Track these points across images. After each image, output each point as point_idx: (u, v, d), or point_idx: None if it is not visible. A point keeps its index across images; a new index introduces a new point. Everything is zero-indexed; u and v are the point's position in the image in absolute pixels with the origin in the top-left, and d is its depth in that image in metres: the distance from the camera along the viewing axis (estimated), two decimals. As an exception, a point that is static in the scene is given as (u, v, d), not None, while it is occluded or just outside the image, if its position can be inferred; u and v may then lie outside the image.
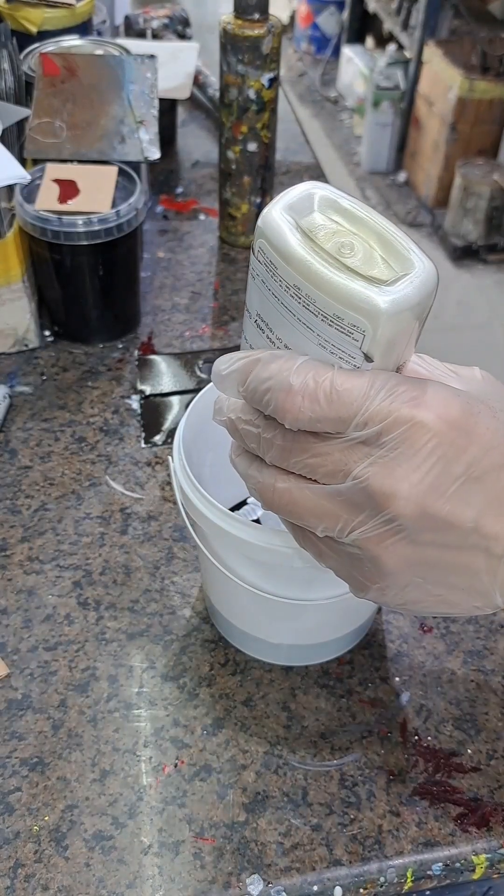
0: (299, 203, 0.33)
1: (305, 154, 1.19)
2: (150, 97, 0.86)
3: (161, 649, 0.59)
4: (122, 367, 0.83)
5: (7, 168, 0.77)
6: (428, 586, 0.35)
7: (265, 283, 0.34)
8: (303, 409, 0.32)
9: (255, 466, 0.36)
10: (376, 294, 0.31)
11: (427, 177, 2.79)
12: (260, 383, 0.33)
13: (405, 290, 0.31)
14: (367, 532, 0.33)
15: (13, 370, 0.81)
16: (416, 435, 0.31)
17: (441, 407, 0.32)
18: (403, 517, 0.32)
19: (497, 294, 2.52)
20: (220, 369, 0.36)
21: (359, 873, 0.49)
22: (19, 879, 0.48)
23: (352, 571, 0.36)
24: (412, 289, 0.32)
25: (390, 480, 0.32)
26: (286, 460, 0.34)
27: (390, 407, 0.31)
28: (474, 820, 0.51)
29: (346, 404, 0.31)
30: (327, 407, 0.32)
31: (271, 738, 0.55)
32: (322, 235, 0.33)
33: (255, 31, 0.82)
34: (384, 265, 0.33)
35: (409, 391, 0.32)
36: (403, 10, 2.87)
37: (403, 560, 0.34)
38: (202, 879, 0.48)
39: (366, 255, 0.33)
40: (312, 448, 0.33)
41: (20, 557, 0.65)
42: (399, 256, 0.33)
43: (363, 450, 0.32)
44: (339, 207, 0.34)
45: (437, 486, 0.32)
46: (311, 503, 0.34)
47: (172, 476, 0.52)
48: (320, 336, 0.33)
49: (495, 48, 2.51)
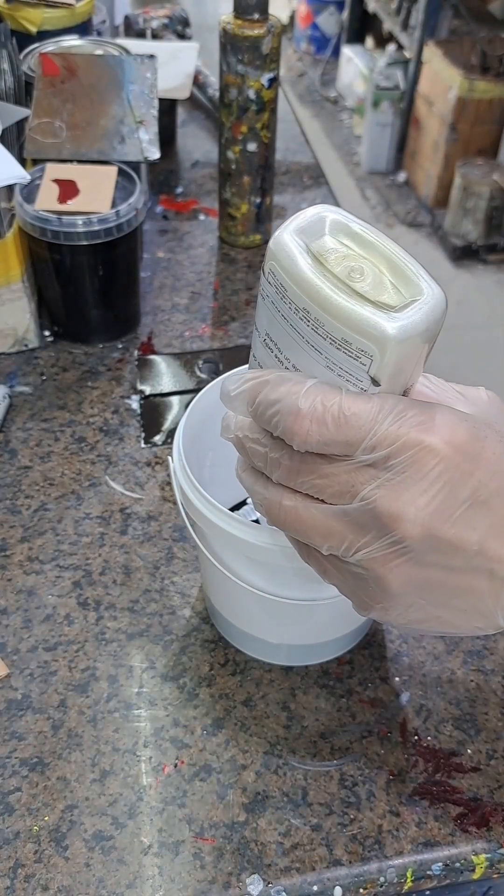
0: (310, 226, 0.34)
1: (305, 154, 1.19)
2: (150, 97, 0.86)
3: (161, 649, 0.59)
4: (121, 367, 0.83)
5: (7, 168, 0.77)
6: (431, 607, 0.35)
7: (275, 304, 0.34)
8: (311, 432, 0.32)
9: (262, 483, 0.37)
10: (384, 320, 0.31)
11: (427, 177, 2.79)
12: (268, 405, 0.34)
13: (413, 316, 0.32)
14: (372, 553, 0.34)
15: (13, 370, 0.81)
16: (424, 459, 0.32)
17: (448, 431, 0.32)
18: (409, 539, 0.33)
19: (497, 294, 2.52)
20: (229, 389, 0.36)
21: (359, 873, 0.49)
22: (19, 879, 0.48)
23: (356, 590, 0.36)
24: (420, 315, 0.32)
25: (398, 503, 0.32)
26: (293, 480, 0.35)
27: (398, 431, 0.32)
28: (474, 820, 0.51)
29: (355, 428, 0.32)
30: (335, 431, 0.32)
31: (271, 738, 0.55)
32: (332, 259, 0.33)
33: (254, 31, 0.82)
34: (393, 290, 0.33)
35: (418, 416, 0.32)
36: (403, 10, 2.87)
37: (408, 581, 0.34)
38: (202, 879, 0.48)
39: (375, 279, 0.33)
40: (320, 469, 0.33)
41: (20, 557, 0.65)
42: (408, 282, 0.33)
43: (371, 472, 0.32)
44: (349, 231, 0.34)
45: (444, 510, 0.32)
46: (317, 522, 0.35)
47: (172, 476, 0.52)
48: (328, 359, 0.33)
49: (495, 48, 2.51)
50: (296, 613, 0.54)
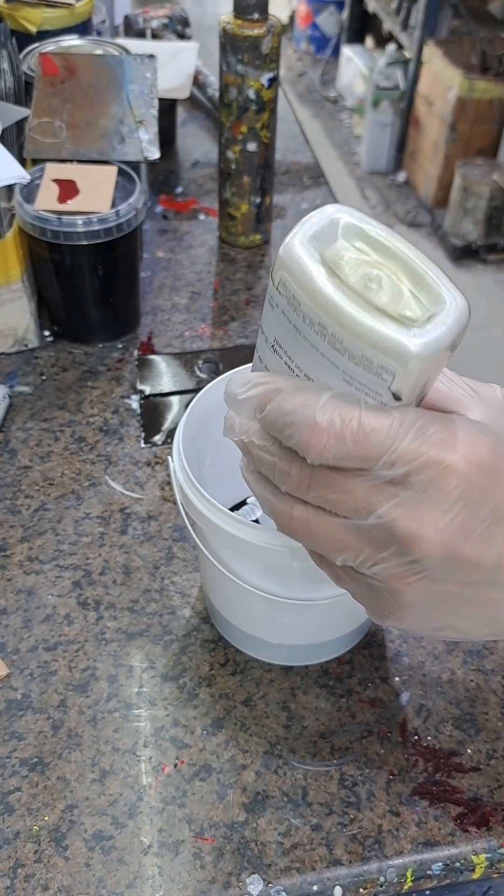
0: (322, 231, 0.32)
1: (305, 154, 1.19)
2: (150, 97, 0.86)
3: (161, 649, 0.59)
4: (121, 366, 0.83)
5: (7, 168, 0.77)
6: (446, 617, 0.35)
7: (285, 314, 0.32)
8: (328, 447, 0.31)
9: (271, 490, 0.35)
10: (407, 337, 0.30)
11: (427, 177, 2.79)
12: (281, 415, 0.32)
13: (437, 330, 0.31)
14: (389, 569, 0.33)
15: (13, 370, 0.81)
16: (445, 479, 0.31)
17: (470, 449, 0.31)
18: (428, 559, 0.32)
19: (497, 294, 2.52)
20: (236, 392, 0.34)
21: (359, 873, 0.49)
22: (19, 879, 0.48)
23: (370, 599, 0.36)
24: (444, 329, 0.31)
25: (417, 525, 0.31)
26: (303, 493, 0.34)
27: (419, 449, 0.31)
28: (474, 820, 0.51)
29: (374, 444, 0.31)
30: (354, 447, 0.31)
31: (271, 738, 0.55)
32: (347, 268, 0.32)
33: (254, 30, 0.82)
34: (414, 301, 0.31)
35: (439, 432, 0.31)
36: (403, 10, 2.87)
37: (424, 595, 0.34)
38: (202, 879, 0.48)
39: (394, 289, 0.31)
40: (334, 483, 0.32)
41: (20, 557, 0.65)
42: (429, 291, 0.32)
43: (389, 489, 0.32)
44: (364, 235, 0.32)
45: (464, 530, 0.32)
46: (331, 535, 0.34)
47: (172, 476, 0.52)
48: (345, 373, 0.32)
49: (495, 48, 2.51)
50: (296, 613, 0.54)
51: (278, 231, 1.02)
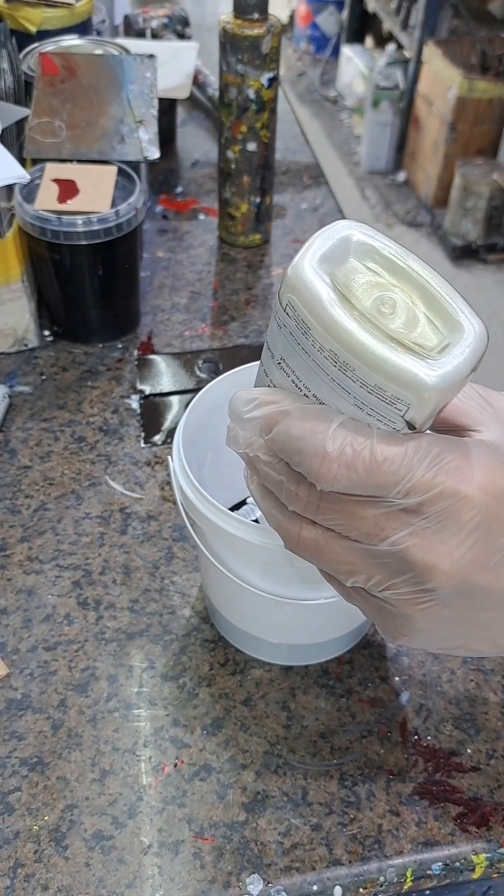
0: (332, 251, 0.30)
1: (305, 154, 1.19)
2: (150, 97, 0.86)
3: (161, 649, 0.59)
4: (121, 366, 0.83)
5: (6, 168, 0.77)
6: (457, 638, 0.35)
7: (293, 335, 0.31)
8: (339, 476, 0.30)
9: (277, 507, 0.34)
10: (424, 369, 0.29)
11: (426, 176, 2.79)
12: (289, 440, 0.31)
13: (454, 362, 0.29)
14: (401, 595, 0.32)
15: (13, 370, 0.81)
16: (461, 510, 0.30)
17: (486, 479, 0.31)
18: (443, 589, 0.31)
19: (497, 294, 2.52)
20: (241, 410, 0.33)
21: (359, 873, 0.49)
22: (19, 879, 0.48)
23: (382, 620, 0.35)
24: (462, 360, 0.29)
25: (432, 556, 0.31)
26: (312, 514, 0.32)
27: (434, 479, 0.30)
28: (474, 819, 0.51)
29: (387, 474, 0.30)
30: (366, 476, 0.30)
31: (271, 738, 0.55)
32: (359, 290, 0.30)
33: (254, 30, 0.82)
34: (430, 328, 0.30)
35: (455, 461, 0.30)
36: (403, 10, 2.87)
37: (436, 619, 0.33)
38: (202, 879, 0.48)
39: (409, 314, 0.30)
40: (345, 509, 0.31)
41: (20, 557, 0.65)
42: (446, 317, 0.30)
43: (403, 517, 0.31)
44: (376, 255, 0.31)
45: (479, 560, 0.31)
46: (342, 558, 0.33)
47: (172, 476, 0.52)
48: (357, 399, 0.30)
49: (495, 48, 2.51)
50: (296, 613, 0.54)
51: (278, 231, 1.02)
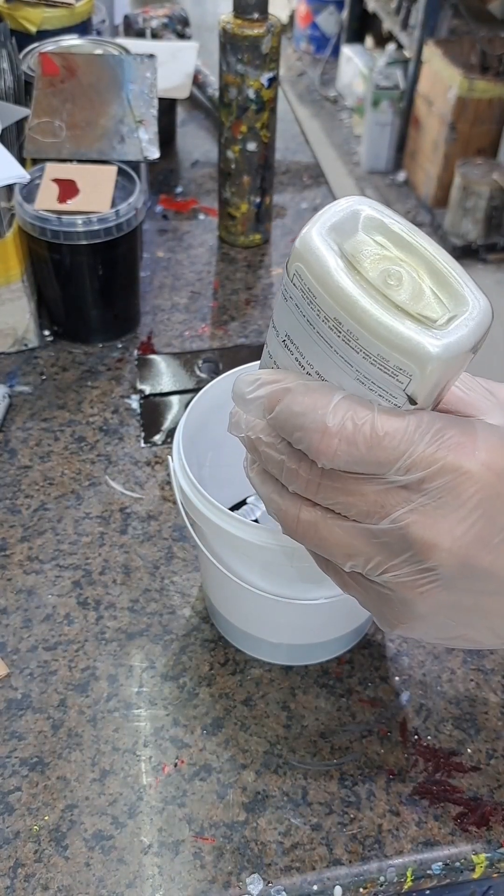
0: (342, 223, 0.30)
1: (305, 154, 1.19)
2: (150, 97, 0.86)
3: (161, 649, 0.59)
4: (121, 366, 0.83)
5: (6, 168, 0.77)
6: (458, 627, 0.34)
7: (299, 307, 0.31)
8: (339, 452, 0.30)
9: (276, 490, 0.34)
10: (427, 338, 0.29)
11: (426, 176, 2.79)
12: (291, 416, 0.31)
13: (458, 333, 0.29)
14: (401, 577, 0.32)
15: (13, 370, 0.81)
16: (463, 486, 0.30)
17: (490, 456, 0.30)
18: (443, 568, 0.31)
19: (497, 294, 2.52)
20: (244, 391, 0.33)
21: (359, 873, 0.49)
22: (19, 879, 0.48)
23: (379, 607, 0.35)
24: (466, 332, 0.30)
25: (433, 532, 0.30)
26: (312, 494, 0.32)
27: (436, 454, 0.30)
28: (474, 819, 0.51)
29: (388, 449, 0.30)
30: (367, 451, 0.30)
31: (271, 738, 0.55)
32: (367, 262, 0.30)
33: (254, 30, 0.82)
34: (435, 301, 0.30)
35: (456, 437, 0.30)
36: (403, 10, 2.87)
37: (437, 604, 0.33)
38: (202, 879, 0.48)
39: (414, 287, 0.30)
40: (345, 486, 0.31)
41: (20, 557, 0.65)
42: (451, 291, 0.30)
43: (403, 494, 0.30)
44: (385, 229, 0.31)
45: (481, 539, 0.31)
46: (341, 540, 0.32)
47: (172, 476, 0.52)
48: (359, 372, 0.30)
49: (495, 48, 2.51)
50: (296, 613, 0.54)
51: (278, 231, 1.02)
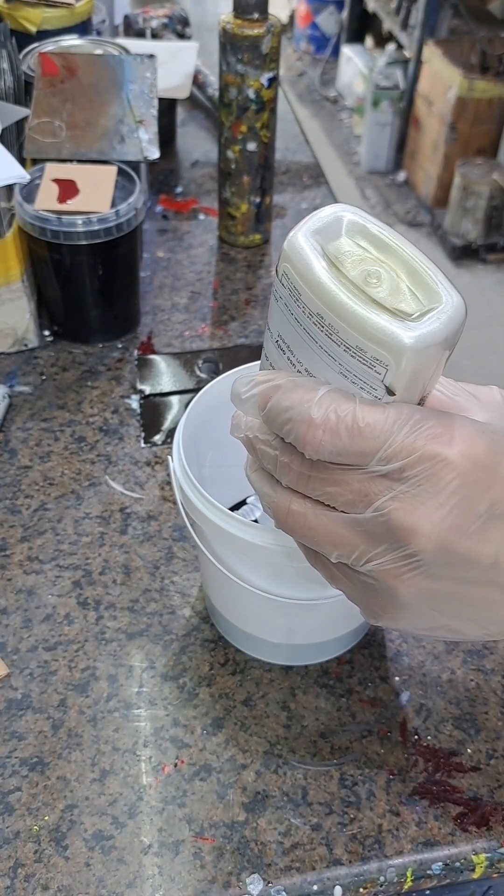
0: (326, 227, 0.33)
1: (305, 154, 1.19)
2: (150, 97, 0.86)
3: (161, 649, 0.59)
4: (121, 366, 0.83)
5: (6, 168, 0.77)
6: (441, 617, 0.35)
7: (288, 306, 0.33)
8: (323, 442, 0.32)
9: (271, 485, 0.36)
10: (401, 329, 0.31)
11: (426, 176, 2.79)
12: (280, 411, 0.33)
13: (431, 325, 0.31)
14: (384, 564, 0.33)
15: (13, 370, 0.81)
16: (441, 473, 0.31)
17: (466, 444, 0.32)
18: (424, 553, 0.32)
19: (497, 294, 2.52)
20: (240, 391, 0.35)
21: (359, 873, 0.49)
22: (19, 879, 0.48)
23: (364, 598, 0.36)
24: (439, 324, 0.31)
25: (412, 517, 0.32)
26: (303, 486, 0.34)
27: (415, 443, 0.31)
28: (474, 819, 0.51)
29: (369, 439, 0.31)
30: (349, 441, 0.31)
31: (271, 738, 0.55)
32: (348, 262, 0.32)
33: (254, 30, 0.82)
34: (411, 297, 0.32)
35: (434, 427, 0.32)
36: (403, 10, 2.87)
37: (419, 593, 0.34)
38: (202, 879, 0.48)
39: (392, 285, 0.32)
40: (332, 477, 0.33)
41: (20, 557, 0.65)
42: (427, 288, 0.32)
43: (385, 483, 0.32)
44: (367, 233, 0.33)
45: (460, 525, 0.32)
46: (327, 529, 0.34)
47: (172, 476, 0.52)
48: (342, 365, 0.32)
49: (495, 48, 2.51)
50: (296, 613, 0.54)
51: (278, 231, 1.02)
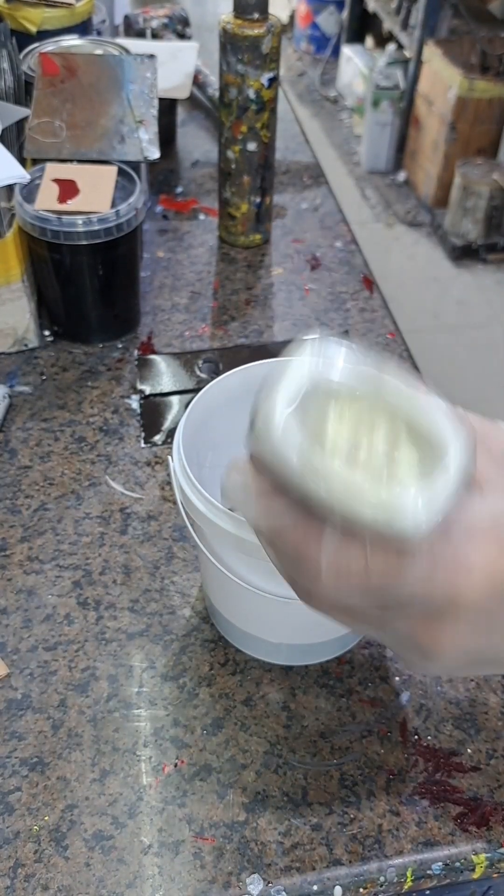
0: (303, 403, 0.29)
1: (305, 154, 1.19)
2: (150, 97, 0.86)
3: (161, 649, 0.59)
4: (121, 366, 0.83)
5: (7, 168, 0.77)
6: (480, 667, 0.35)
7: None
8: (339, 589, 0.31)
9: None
10: (411, 510, 0.28)
11: (427, 176, 2.79)
12: (287, 548, 0.32)
13: (438, 483, 0.28)
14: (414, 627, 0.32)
15: (13, 370, 0.81)
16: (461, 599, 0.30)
17: (486, 572, 0.30)
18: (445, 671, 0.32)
19: (497, 294, 2.52)
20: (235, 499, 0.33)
21: (359, 873, 0.49)
22: (19, 879, 0.48)
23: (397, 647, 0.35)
24: (446, 478, 0.28)
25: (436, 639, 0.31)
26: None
27: (434, 578, 0.29)
28: (474, 819, 0.51)
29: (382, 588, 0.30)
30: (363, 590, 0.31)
31: (271, 738, 0.55)
32: (329, 442, 0.29)
33: (254, 30, 0.82)
34: (409, 452, 0.29)
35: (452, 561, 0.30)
36: (403, 10, 2.87)
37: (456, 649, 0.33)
38: (202, 879, 0.48)
39: (385, 446, 0.30)
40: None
41: (20, 557, 0.65)
42: (425, 443, 0.29)
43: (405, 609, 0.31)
44: (342, 395, 0.30)
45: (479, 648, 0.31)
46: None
47: (172, 476, 0.52)
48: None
49: (495, 48, 2.51)
50: (296, 613, 0.54)
51: (278, 231, 1.02)
